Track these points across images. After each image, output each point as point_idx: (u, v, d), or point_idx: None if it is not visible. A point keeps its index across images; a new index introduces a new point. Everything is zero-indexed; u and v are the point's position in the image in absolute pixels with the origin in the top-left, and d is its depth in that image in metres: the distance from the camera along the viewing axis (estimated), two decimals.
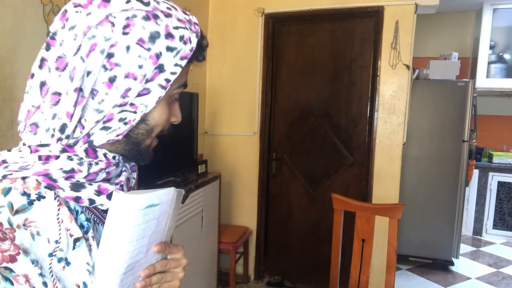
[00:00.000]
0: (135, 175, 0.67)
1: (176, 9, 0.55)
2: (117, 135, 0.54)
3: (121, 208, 0.52)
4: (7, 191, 0.47)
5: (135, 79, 0.51)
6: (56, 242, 0.49)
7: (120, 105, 0.52)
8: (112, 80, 0.50)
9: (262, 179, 2.92)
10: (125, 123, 0.53)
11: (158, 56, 0.51)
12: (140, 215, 0.52)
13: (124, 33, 0.49)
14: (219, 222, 2.67)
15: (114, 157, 0.57)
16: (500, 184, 3.98)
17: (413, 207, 3.30)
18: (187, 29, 0.54)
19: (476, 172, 3.97)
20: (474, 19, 4.12)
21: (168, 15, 0.53)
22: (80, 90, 0.50)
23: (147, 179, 2.00)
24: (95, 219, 0.57)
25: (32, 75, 0.52)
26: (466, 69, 4.10)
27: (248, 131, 2.91)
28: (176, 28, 0.53)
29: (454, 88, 3.20)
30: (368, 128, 2.66)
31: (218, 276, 2.68)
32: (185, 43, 0.54)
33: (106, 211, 0.56)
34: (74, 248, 0.51)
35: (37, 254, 0.47)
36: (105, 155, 0.55)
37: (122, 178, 0.59)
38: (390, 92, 2.55)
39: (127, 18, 0.50)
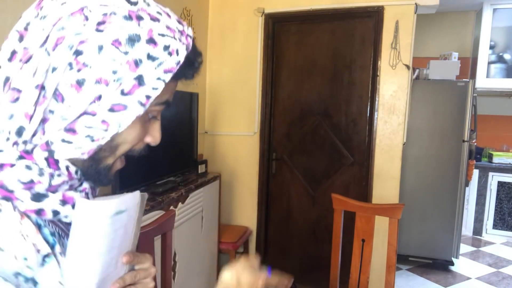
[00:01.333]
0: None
1: (169, 15, 0.48)
2: (82, 153, 0.46)
3: (88, 216, 0.46)
4: None
5: (106, 85, 0.43)
6: (25, 259, 0.42)
7: (87, 114, 0.44)
8: (80, 83, 0.43)
9: (262, 179, 2.91)
10: (92, 140, 0.46)
11: (136, 63, 0.44)
12: (108, 223, 0.47)
13: (98, 30, 0.42)
14: (219, 222, 2.67)
15: (76, 172, 0.49)
16: (500, 184, 3.98)
17: (413, 207, 3.30)
18: (175, 39, 0.47)
19: (476, 172, 3.97)
20: (474, 19, 4.12)
21: (155, 19, 0.46)
22: (42, 88, 0.42)
23: (147, 179, 2.00)
24: (60, 232, 0.50)
25: None
26: (466, 69, 4.10)
27: (248, 131, 2.91)
28: (162, 35, 0.46)
29: (454, 88, 3.20)
30: (368, 128, 2.66)
31: (218, 276, 2.68)
32: (170, 54, 0.46)
33: (70, 224, 0.49)
34: (43, 265, 0.44)
35: (4, 272, 0.40)
36: (67, 168, 0.48)
37: (86, 185, 0.52)
38: (390, 92, 2.55)
39: (105, 14, 0.43)
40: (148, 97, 0.46)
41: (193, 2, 2.69)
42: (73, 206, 0.48)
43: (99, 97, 0.44)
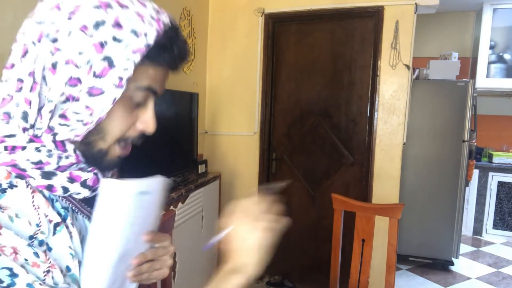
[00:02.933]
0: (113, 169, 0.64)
1: (144, 5, 0.51)
2: (76, 135, 0.51)
3: (113, 195, 0.51)
4: None
5: (77, 66, 0.48)
6: (37, 225, 0.48)
7: (72, 99, 0.49)
8: (54, 66, 0.48)
9: (262, 179, 2.91)
10: (84, 124, 0.51)
11: (102, 45, 0.47)
12: (131, 202, 0.52)
13: (69, 18, 0.47)
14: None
15: (83, 155, 0.55)
16: (500, 184, 3.98)
17: (413, 207, 3.29)
18: (143, 23, 0.50)
19: (476, 172, 3.97)
20: (474, 19, 4.12)
21: (124, 6, 0.49)
22: (33, 74, 0.48)
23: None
24: (73, 208, 0.56)
25: (13, 65, 0.51)
26: (466, 69, 4.10)
27: (248, 131, 2.91)
28: (129, 19, 0.49)
29: (454, 88, 3.20)
30: (368, 128, 2.66)
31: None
32: (137, 36, 0.49)
33: (84, 200, 0.56)
34: (54, 233, 0.49)
35: (19, 234, 0.45)
36: (74, 150, 0.53)
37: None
38: (390, 92, 2.55)
39: (76, 6, 0.48)
40: (120, 78, 0.49)
41: (193, 2, 2.69)
42: (81, 184, 0.53)
43: (73, 78, 0.48)
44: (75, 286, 0.50)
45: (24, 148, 0.49)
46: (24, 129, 0.50)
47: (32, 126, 0.50)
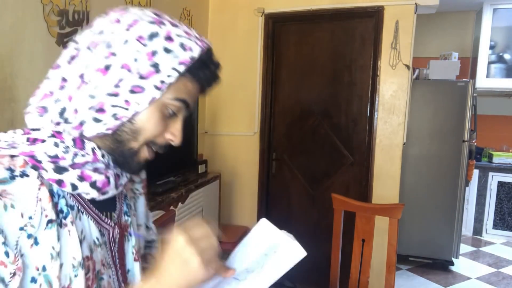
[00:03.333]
0: (128, 175, 0.65)
1: (189, 28, 0.58)
2: (107, 129, 0.55)
3: (294, 258, 0.60)
4: None
5: (129, 71, 0.53)
6: (30, 217, 0.49)
7: (112, 95, 0.53)
8: (107, 68, 0.53)
9: (262, 179, 2.91)
10: (116, 118, 0.54)
11: (154, 53, 0.53)
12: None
13: (127, 29, 0.54)
14: (219, 222, 2.67)
15: (103, 156, 0.57)
16: (500, 184, 3.98)
17: (413, 207, 3.29)
18: (191, 40, 0.56)
19: (476, 172, 3.97)
20: (474, 19, 4.12)
21: (174, 25, 0.56)
22: (83, 76, 0.54)
23: (147, 179, 2.00)
24: (79, 207, 0.57)
25: (58, 66, 0.56)
26: (466, 69, 4.10)
27: (248, 131, 2.91)
28: (179, 35, 0.55)
29: (454, 88, 3.20)
30: (368, 128, 2.66)
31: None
32: (185, 50, 0.55)
33: (93, 203, 0.59)
34: (45, 228, 0.51)
35: (4, 225, 0.47)
36: (93, 149, 0.56)
37: (110, 171, 0.59)
38: (390, 92, 2.55)
39: (134, 20, 0.54)
40: (162, 82, 0.54)
41: (193, 2, 2.69)
42: (90, 184, 0.55)
43: (121, 80, 0.53)
44: (46, 286, 0.50)
45: (43, 141, 0.53)
46: (57, 124, 0.55)
47: (66, 121, 0.55)
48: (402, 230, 3.20)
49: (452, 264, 3.26)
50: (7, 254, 0.46)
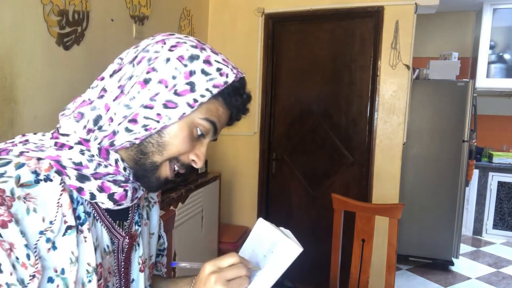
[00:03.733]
0: (143, 189, 0.66)
1: (227, 59, 0.62)
2: (135, 138, 0.57)
3: (289, 256, 0.64)
4: (19, 166, 0.50)
5: (166, 87, 0.56)
6: (51, 222, 0.51)
7: (147, 107, 0.56)
8: (146, 81, 0.56)
9: (262, 179, 2.91)
10: (146, 129, 0.57)
11: (191, 73, 0.57)
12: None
13: (170, 50, 0.57)
14: (219, 222, 2.67)
15: (124, 169, 0.59)
16: (500, 184, 3.98)
17: (413, 207, 3.29)
18: (227, 67, 0.60)
19: (476, 172, 3.97)
20: (474, 19, 4.12)
21: (215, 53, 0.60)
22: (122, 87, 0.57)
23: None
24: (95, 215, 0.59)
25: (102, 78, 0.60)
26: (466, 69, 4.10)
27: (248, 131, 2.91)
28: (217, 61, 0.59)
29: (454, 88, 3.20)
30: (368, 128, 2.65)
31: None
32: (221, 74, 0.58)
33: (108, 212, 0.61)
34: (64, 234, 0.52)
35: (26, 228, 0.48)
36: (116, 161, 0.58)
37: (129, 184, 0.60)
38: (390, 92, 2.55)
39: (178, 42, 0.58)
40: (195, 100, 0.57)
41: (193, 2, 2.69)
42: (108, 196, 0.57)
43: (157, 93, 0.56)
44: None
45: (71, 148, 0.55)
46: (89, 131, 0.57)
47: (99, 128, 0.57)
48: (402, 230, 3.20)
49: (452, 264, 3.26)
50: (28, 256, 0.48)
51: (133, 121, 0.56)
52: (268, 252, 0.64)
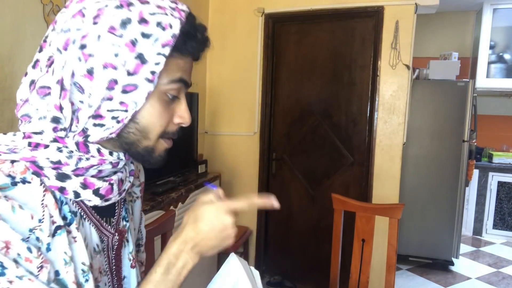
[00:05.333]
0: (131, 179, 0.64)
1: (161, 5, 0.52)
2: (111, 133, 0.53)
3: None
4: None
5: (114, 68, 0.49)
6: (40, 220, 0.48)
7: (108, 99, 0.50)
8: (90, 72, 0.49)
9: (262, 179, 2.91)
10: (118, 122, 0.52)
11: (133, 42, 0.49)
12: None
13: (94, 23, 0.48)
14: None
15: (111, 153, 0.55)
16: (500, 184, 3.98)
17: (413, 207, 3.29)
18: (166, 15, 0.51)
19: (476, 172, 3.97)
20: (474, 19, 4.12)
21: (144, 2, 0.50)
22: (61, 82, 0.49)
23: (147, 179, 2.00)
24: (82, 214, 0.56)
25: (26, 74, 0.53)
26: (466, 69, 4.10)
27: (248, 131, 2.91)
28: (153, 14, 0.50)
29: (454, 88, 3.20)
30: (368, 128, 2.66)
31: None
32: (163, 29, 0.50)
33: (95, 209, 0.58)
34: (54, 235, 0.49)
35: (15, 225, 0.45)
36: (98, 150, 0.54)
37: (114, 177, 0.57)
38: (390, 92, 2.55)
39: (99, 9, 0.49)
40: (153, 72, 0.51)
41: (193, 2, 2.69)
42: (93, 192, 0.54)
43: (112, 81, 0.49)
44: None
45: (46, 146, 0.50)
46: (54, 129, 0.51)
47: (65, 129, 0.52)
48: (402, 230, 3.20)
49: (452, 264, 3.26)
50: (29, 249, 0.45)
51: (98, 116, 0.51)
52: None
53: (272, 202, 0.64)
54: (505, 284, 3.00)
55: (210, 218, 0.58)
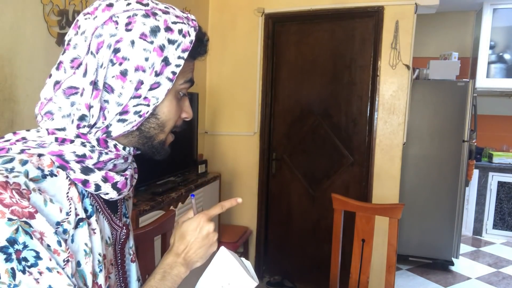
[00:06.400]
0: (136, 176, 0.69)
1: (174, 8, 0.61)
2: (132, 127, 0.58)
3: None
4: (24, 162, 0.50)
5: (144, 71, 0.55)
6: (67, 213, 0.52)
7: (135, 97, 0.56)
8: (124, 73, 0.55)
9: (262, 179, 2.91)
10: (140, 116, 0.58)
11: (162, 48, 0.56)
12: None
13: (127, 30, 0.54)
14: (219, 222, 2.67)
15: (124, 148, 0.60)
16: (500, 184, 3.98)
17: (413, 207, 3.29)
18: (185, 23, 0.59)
19: (476, 172, 3.97)
20: (474, 19, 4.12)
21: (166, 12, 0.58)
22: (94, 83, 0.54)
23: (148, 179, 2.00)
24: (97, 206, 0.60)
25: (50, 75, 0.57)
26: (466, 69, 4.10)
27: (248, 131, 2.91)
28: (175, 23, 0.57)
29: (454, 88, 3.20)
30: (368, 128, 2.66)
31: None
32: (184, 36, 0.58)
33: (107, 201, 0.63)
34: (76, 227, 0.53)
35: (48, 218, 0.49)
36: (115, 146, 0.59)
37: (128, 172, 0.63)
38: (390, 92, 2.55)
39: (129, 17, 0.55)
40: (174, 73, 0.58)
41: (193, 2, 2.69)
42: (112, 185, 0.58)
43: (141, 82, 0.56)
44: (81, 281, 0.54)
45: (72, 141, 0.55)
46: (78, 126, 0.56)
47: (90, 126, 0.56)
48: (402, 230, 3.20)
49: (452, 264, 3.26)
50: (59, 243, 0.49)
51: (124, 112, 0.57)
52: (225, 284, 0.69)
53: (236, 200, 0.73)
54: (505, 284, 3.00)
55: (193, 230, 0.68)
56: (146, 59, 0.55)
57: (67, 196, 0.53)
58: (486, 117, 4.16)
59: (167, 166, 2.19)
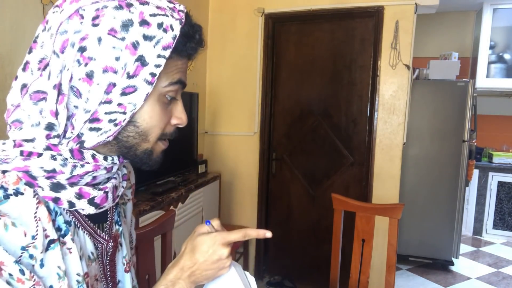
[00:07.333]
0: (125, 183, 0.64)
1: (161, 6, 0.51)
2: (108, 137, 0.51)
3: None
4: None
5: (115, 72, 0.48)
6: (33, 237, 0.46)
7: (105, 102, 0.49)
8: (90, 76, 0.47)
9: (262, 179, 2.91)
10: (115, 124, 0.51)
11: (134, 45, 0.48)
12: None
13: (94, 25, 0.47)
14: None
15: (105, 158, 0.54)
16: (500, 184, 3.98)
17: (413, 207, 3.29)
18: (167, 16, 0.49)
19: (476, 172, 3.97)
20: (474, 19, 4.12)
21: (144, 3, 0.49)
22: (59, 87, 0.48)
23: (148, 179, 2.00)
24: (76, 222, 0.55)
25: (16, 77, 0.50)
26: (466, 69, 4.10)
27: (248, 131, 2.91)
28: (153, 15, 0.49)
29: (454, 88, 3.20)
30: (368, 128, 2.66)
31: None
32: (165, 30, 0.49)
33: (88, 216, 0.57)
34: (47, 250, 0.48)
35: (7, 245, 0.44)
36: (93, 156, 0.52)
37: (109, 185, 0.56)
38: (390, 92, 2.55)
39: (97, 10, 0.47)
40: (153, 74, 0.49)
41: (193, 2, 2.69)
42: (88, 201, 0.52)
43: (111, 84, 0.48)
44: None
45: (40, 155, 0.48)
46: (47, 136, 0.49)
47: (58, 136, 0.49)
48: (402, 230, 3.20)
49: (452, 264, 3.26)
50: (22, 271, 0.44)
51: (95, 120, 0.49)
52: None
53: (265, 232, 0.65)
54: (505, 284, 3.00)
55: (206, 249, 0.61)
56: (117, 59, 0.47)
57: (35, 217, 0.47)
58: (486, 117, 4.16)
59: (167, 166, 2.19)
